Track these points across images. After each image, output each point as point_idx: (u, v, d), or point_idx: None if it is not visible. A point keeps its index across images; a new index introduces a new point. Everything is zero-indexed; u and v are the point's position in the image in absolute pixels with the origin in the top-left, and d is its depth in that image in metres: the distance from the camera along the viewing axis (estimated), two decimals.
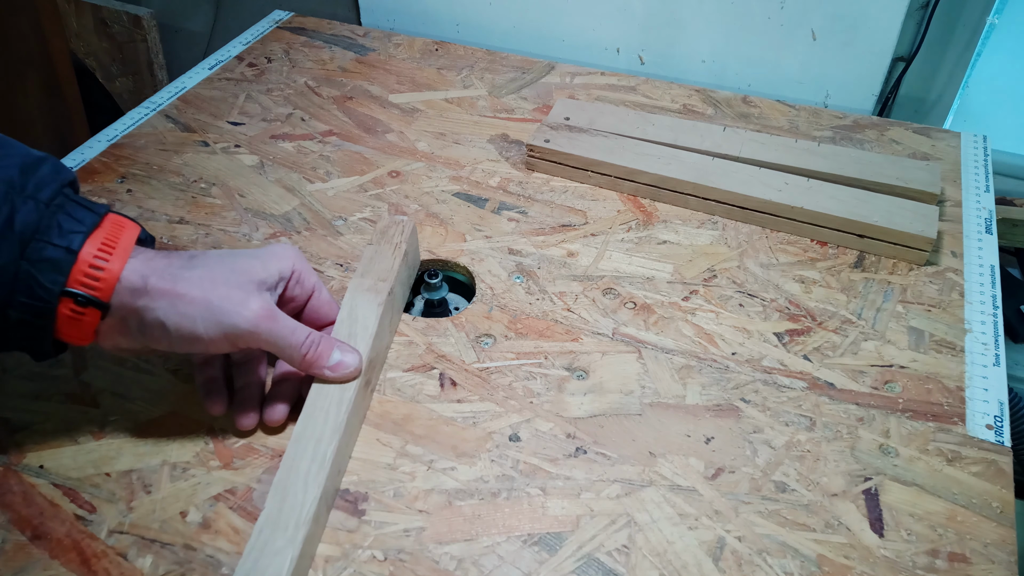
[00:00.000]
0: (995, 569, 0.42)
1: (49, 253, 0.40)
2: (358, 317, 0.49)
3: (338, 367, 0.46)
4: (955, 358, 0.54)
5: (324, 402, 0.46)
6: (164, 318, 0.43)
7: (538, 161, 0.70)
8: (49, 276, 0.40)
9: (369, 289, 0.51)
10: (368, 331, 0.48)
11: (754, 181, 0.65)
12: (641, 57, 0.91)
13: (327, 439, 0.44)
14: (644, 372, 0.53)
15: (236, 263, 0.45)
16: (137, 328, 0.43)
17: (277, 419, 0.48)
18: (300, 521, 0.40)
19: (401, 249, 0.54)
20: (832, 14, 0.80)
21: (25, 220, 0.39)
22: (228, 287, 0.44)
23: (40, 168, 0.41)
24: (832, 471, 0.47)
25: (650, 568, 0.42)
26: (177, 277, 0.43)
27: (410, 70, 0.85)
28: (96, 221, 0.42)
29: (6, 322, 0.40)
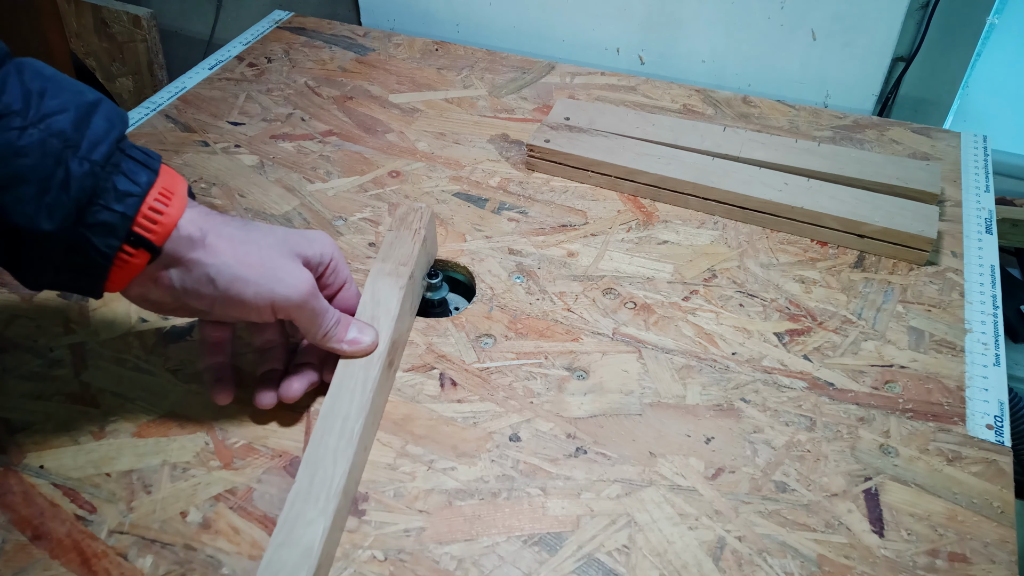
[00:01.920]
0: (995, 569, 0.42)
1: (105, 217, 0.40)
2: (380, 300, 0.51)
3: (354, 343, 0.48)
4: (955, 358, 0.54)
5: (350, 381, 0.47)
6: (216, 276, 0.43)
7: (538, 161, 0.70)
8: (104, 240, 0.40)
9: (390, 273, 0.53)
10: (391, 313, 0.50)
11: (754, 181, 0.65)
12: (641, 57, 0.91)
13: (354, 416, 0.45)
14: (644, 372, 0.53)
15: (288, 237, 0.47)
16: (180, 280, 0.43)
17: (293, 395, 0.49)
18: (331, 494, 0.42)
19: (420, 235, 0.55)
20: (832, 14, 0.80)
21: (81, 185, 0.39)
22: (283, 259, 0.45)
23: (93, 118, 0.40)
24: (832, 471, 0.47)
25: (650, 568, 0.42)
26: (236, 239, 0.44)
27: (410, 70, 0.85)
28: (151, 179, 0.41)
29: (57, 278, 0.41)
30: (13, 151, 0.37)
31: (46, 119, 0.38)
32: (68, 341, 0.55)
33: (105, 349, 0.54)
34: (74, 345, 0.55)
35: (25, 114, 0.38)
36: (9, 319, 0.57)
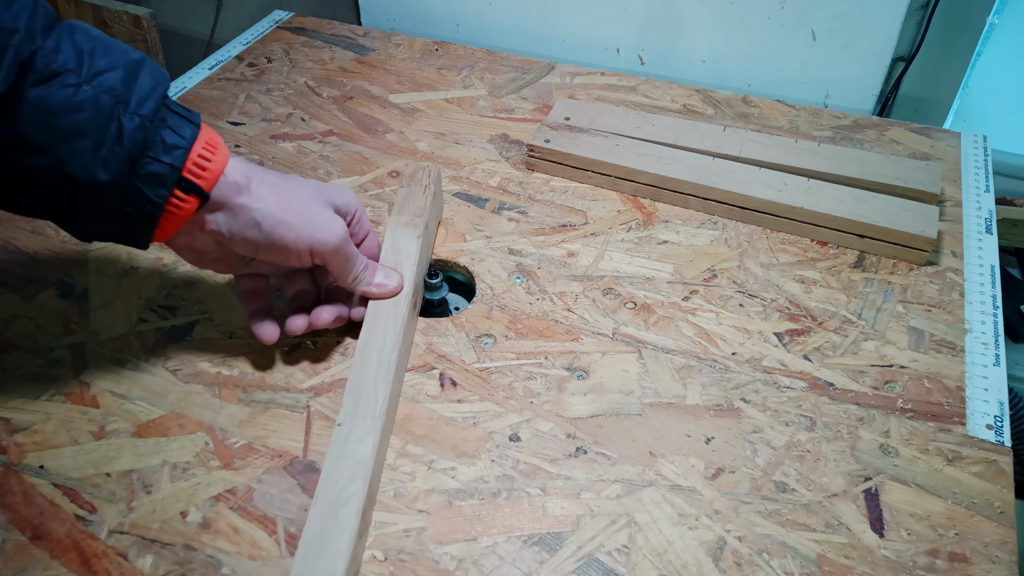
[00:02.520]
0: (995, 569, 0.42)
1: (155, 168, 0.43)
2: (401, 248, 0.56)
3: (381, 286, 0.53)
4: (955, 358, 0.54)
5: (382, 319, 0.52)
6: (261, 220, 0.47)
7: (538, 161, 0.70)
8: (155, 191, 0.43)
9: (407, 224, 0.58)
10: (412, 259, 0.55)
11: (754, 181, 0.65)
12: (641, 57, 0.91)
13: (389, 348, 0.50)
14: (644, 372, 0.53)
15: (321, 188, 0.51)
16: (227, 225, 0.47)
17: (323, 322, 0.52)
18: (376, 413, 0.46)
19: (431, 190, 0.61)
20: (832, 14, 0.80)
21: (133, 138, 0.42)
22: (319, 206, 0.49)
23: (140, 76, 0.43)
24: (832, 471, 0.47)
25: (650, 568, 0.42)
26: (277, 186, 0.48)
27: (410, 70, 0.85)
28: (195, 133, 0.45)
29: (111, 228, 0.44)
30: (70, 106, 0.40)
31: (98, 76, 0.41)
32: (68, 341, 0.55)
33: (105, 349, 0.55)
34: (74, 345, 0.55)
35: (79, 72, 0.41)
36: (9, 319, 0.57)
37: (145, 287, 0.59)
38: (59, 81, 0.40)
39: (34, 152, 0.40)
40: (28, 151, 0.40)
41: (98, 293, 0.59)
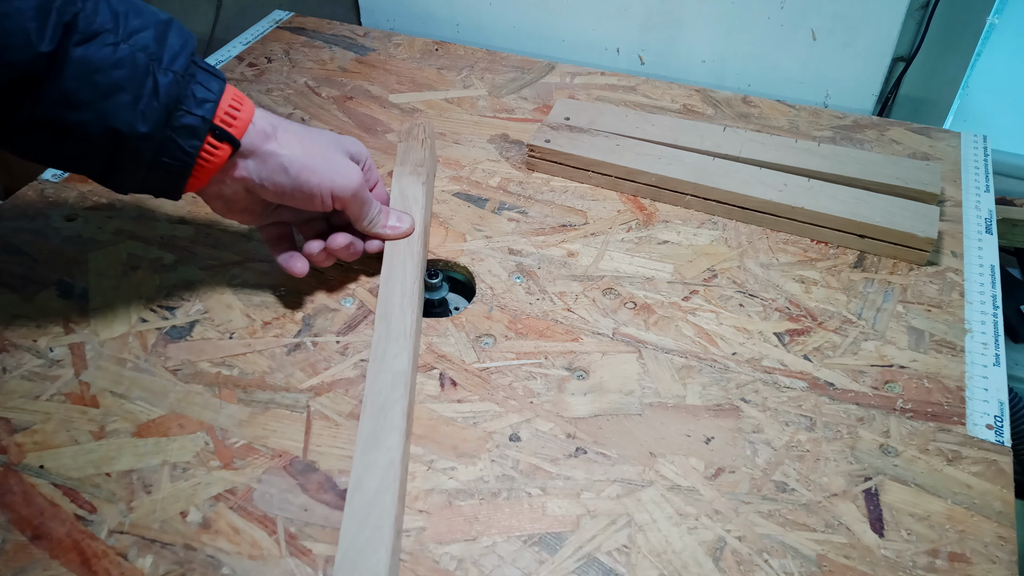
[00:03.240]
0: (995, 569, 0.42)
1: (187, 120, 0.47)
2: (408, 194, 0.62)
3: (395, 228, 0.58)
4: (955, 358, 0.54)
5: (400, 257, 0.57)
6: (288, 165, 0.51)
7: (538, 161, 0.70)
8: (188, 141, 0.47)
9: (410, 173, 0.64)
10: (419, 203, 0.61)
11: (754, 181, 0.65)
12: (641, 57, 0.91)
13: (410, 279, 0.55)
14: (644, 372, 0.53)
15: (336, 138, 0.55)
16: (256, 171, 0.51)
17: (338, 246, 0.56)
18: (407, 334, 0.51)
19: (428, 143, 0.67)
20: (832, 14, 0.80)
21: (168, 92, 0.46)
22: (337, 154, 0.54)
23: (169, 35, 0.47)
24: (832, 471, 0.47)
25: (650, 568, 0.42)
26: (301, 134, 0.52)
27: (410, 70, 0.85)
28: (222, 88, 0.48)
29: (148, 178, 0.48)
30: (111, 64, 0.44)
31: (133, 36, 0.45)
32: (68, 341, 0.55)
33: (105, 349, 0.55)
34: (74, 345, 0.55)
35: (116, 31, 0.44)
36: (9, 319, 0.57)
37: (145, 287, 0.59)
38: (99, 40, 0.44)
39: (79, 107, 0.44)
40: (74, 106, 0.44)
41: (98, 293, 0.59)
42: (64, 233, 0.64)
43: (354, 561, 0.40)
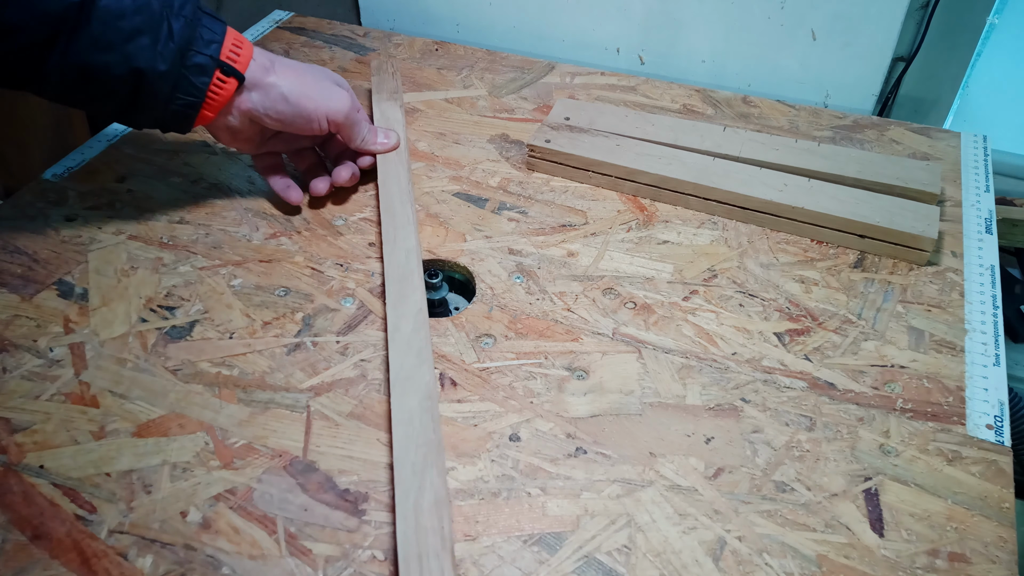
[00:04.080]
0: (995, 569, 0.42)
1: (198, 60, 0.55)
2: (389, 116, 0.73)
3: (384, 144, 0.68)
4: (955, 358, 0.54)
5: (393, 167, 0.67)
6: (288, 94, 0.59)
7: (539, 161, 0.70)
8: (200, 78, 0.55)
9: (388, 99, 0.75)
10: (400, 122, 0.72)
11: (754, 181, 0.65)
12: (641, 57, 0.91)
13: (404, 180, 0.66)
14: (644, 372, 0.53)
15: (324, 70, 0.64)
16: (260, 102, 0.59)
17: (343, 180, 0.66)
18: (410, 222, 0.62)
19: (397, 76, 0.80)
20: (832, 14, 0.80)
21: (181, 35, 0.54)
22: (328, 82, 0.62)
23: None
24: (832, 471, 0.47)
25: (650, 568, 0.42)
26: (294, 67, 0.61)
27: (410, 70, 0.85)
28: (224, 30, 0.57)
29: (165, 112, 0.56)
30: (132, 10, 0.52)
31: None
32: (68, 341, 0.55)
33: (105, 349, 0.55)
34: (74, 345, 0.55)
35: None
36: (9, 319, 0.57)
37: (145, 287, 0.59)
38: None
39: (107, 49, 0.52)
40: (102, 48, 0.52)
41: (98, 293, 0.59)
42: (64, 233, 0.64)
43: (404, 384, 0.49)
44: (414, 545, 0.41)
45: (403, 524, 0.42)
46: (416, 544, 0.41)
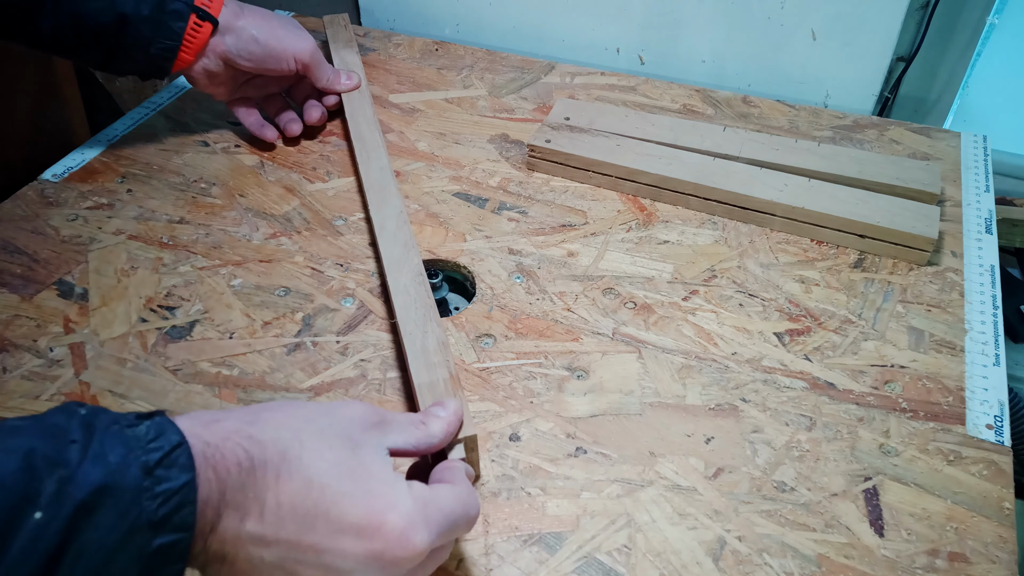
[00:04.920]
0: (995, 569, 0.42)
1: (175, 6, 0.62)
2: (347, 61, 0.81)
3: (347, 84, 0.76)
4: (955, 358, 0.54)
5: (359, 102, 0.76)
6: (258, 35, 0.66)
7: (539, 161, 0.70)
8: (177, 23, 0.63)
9: (344, 47, 0.83)
10: (358, 66, 0.80)
11: (754, 181, 0.65)
12: (641, 57, 0.91)
13: (370, 114, 0.74)
14: (644, 372, 0.53)
15: (290, 17, 0.70)
16: (234, 45, 0.66)
17: (313, 119, 0.74)
18: (379, 146, 0.70)
19: (349, 28, 0.87)
20: (832, 14, 0.80)
21: None
22: (292, 26, 0.70)
23: None
24: (832, 471, 0.47)
25: (650, 568, 0.42)
26: (261, 13, 0.68)
27: (410, 70, 0.85)
28: None
29: (146, 55, 0.63)
30: None
31: None
32: (68, 341, 0.55)
33: (105, 349, 0.55)
34: (74, 345, 0.55)
35: None
36: (9, 319, 0.57)
37: (145, 287, 0.59)
38: None
39: None
40: None
41: (98, 293, 0.59)
42: (64, 233, 0.64)
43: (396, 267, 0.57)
44: (425, 376, 0.48)
45: (415, 362, 0.49)
46: (427, 375, 0.48)
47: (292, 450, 0.33)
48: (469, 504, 0.37)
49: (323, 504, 0.33)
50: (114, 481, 0.29)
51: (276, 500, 0.32)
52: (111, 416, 0.31)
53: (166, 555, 0.30)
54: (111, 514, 0.28)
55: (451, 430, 0.41)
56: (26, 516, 0.27)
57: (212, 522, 0.32)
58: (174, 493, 0.30)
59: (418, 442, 0.39)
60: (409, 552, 0.33)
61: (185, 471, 0.30)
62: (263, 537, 0.32)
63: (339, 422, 0.36)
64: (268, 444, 0.33)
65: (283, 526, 0.32)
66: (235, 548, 0.32)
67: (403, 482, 0.35)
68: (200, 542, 0.32)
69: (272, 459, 0.33)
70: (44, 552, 0.27)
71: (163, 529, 0.30)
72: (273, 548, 0.32)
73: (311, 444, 0.34)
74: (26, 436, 0.29)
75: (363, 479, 0.34)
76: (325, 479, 0.33)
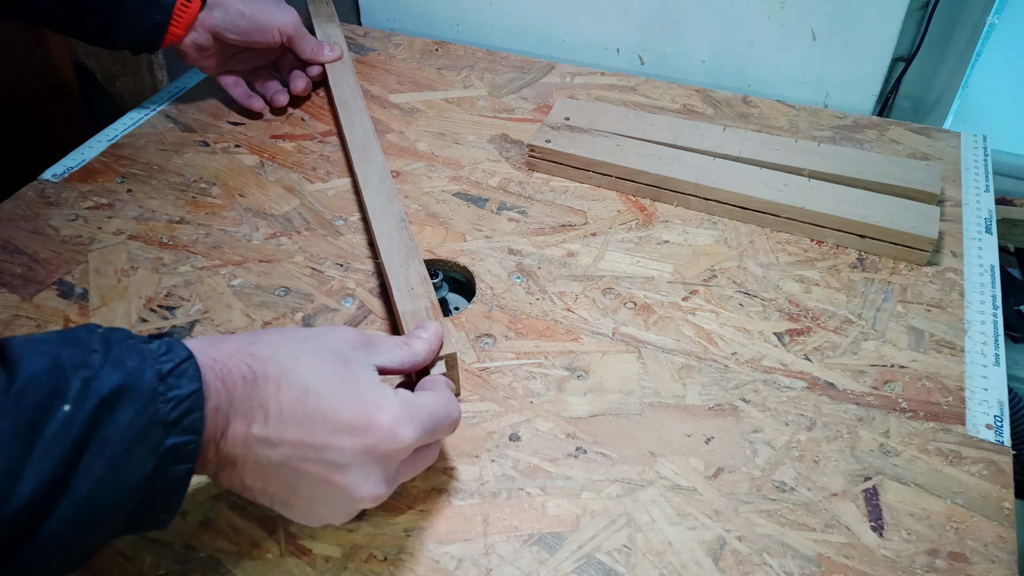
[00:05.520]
0: (995, 569, 0.42)
1: None
2: (330, 34, 0.84)
3: (330, 56, 0.80)
4: (955, 358, 0.54)
5: (341, 72, 0.80)
6: (244, 9, 0.71)
7: (539, 161, 0.70)
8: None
9: (326, 21, 0.87)
10: (341, 39, 0.84)
11: (754, 181, 0.65)
12: (641, 57, 0.91)
13: (352, 82, 0.78)
14: (644, 372, 0.53)
15: None
16: (221, 18, 0.70)
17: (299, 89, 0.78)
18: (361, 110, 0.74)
19: (330, 3, 0.91)
20: (832, 14, 0.80)
21: None
22: (279, 2, 0.74)
23: None
24: (832, 471, 0.47)
25: (650, 568, 0.42)
26: None
27: (410, 70, 0.85)
28: None
29: (137, 31, 0.68)
30: None
31: None
32: None
33: None
34: None
35: None
36: (9, 319, 0.57)
37: (145, 287, 0.59)
38: None
39: None
40: None
41: (98, 293, 0.59)
42: (64, 233, 0.64)
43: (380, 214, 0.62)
44: (408, 304, 0.52)
45: (399, 293, 0.53)
46: (410, 303, 0.52)
47: (289, 364, 0.37)
48: (450, 407, 0.42)
49: (320, 408, 0.36)
50: (132, 382, 0.32)
51: (278, 407, 0.36)
52: (126, 332, 0.35)
53: (177, 454, 0.33)
54: (130, 410, 0.32)
55: (433, 349, 0.45)
56: (56, 408, 0.30)
57: (222, 428, 0.35)
58: (184, 399, 0.33)
59: (403, 361, 0.43)
60: (398, 444, 0.37)
61: (194, 380, 0.34)
62: (268, 439, 0.36)
63: (330, 342, 0.40)
64: (268, 360, 0.37)
65: (286, 429, 0.36)
66: (244, 451, 0.36)
67: (390, 389, 0.39)
68: (212, 447, 0.35)
69: (272, 373, 0.37)
70: (73, 438, 0.30)
71: (175, 430, 0.33)
72: (278, 448, 0.36)
73: (306, 359, 0.38)
74: (52, 343, 0.32)
75: (354, 387, 0.38)
76: (320, 388, 0.37)
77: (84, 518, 0.31)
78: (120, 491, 0.32)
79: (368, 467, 0.37)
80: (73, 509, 0.30)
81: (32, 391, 0.30)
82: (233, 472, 0.37)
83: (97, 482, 0.31)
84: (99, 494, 0.31)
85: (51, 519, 0.30)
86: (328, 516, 0.39)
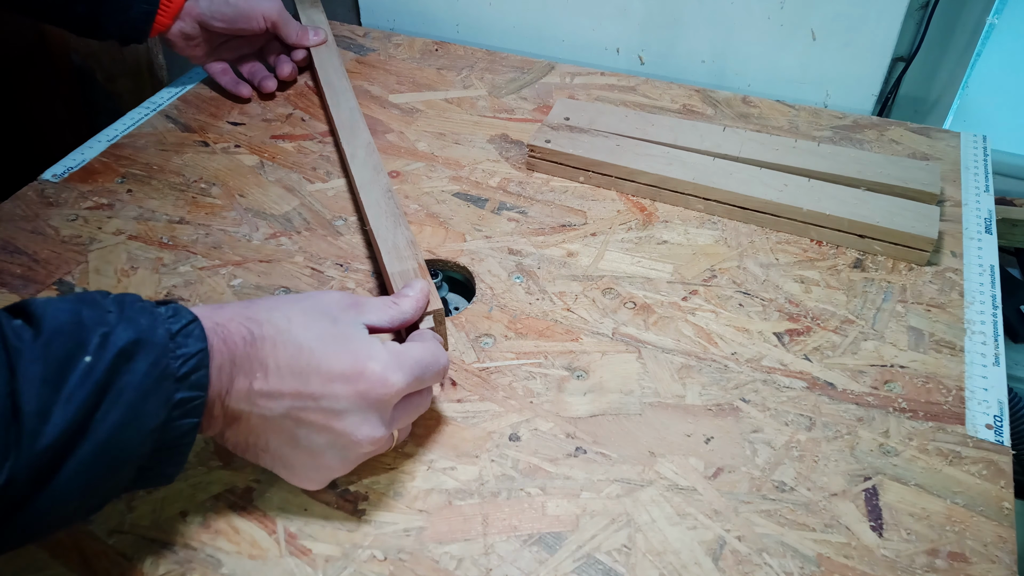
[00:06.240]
0: (995, 569, 0.42)
1: None
2: (315, 20, 0.86)
3: (314, 41, 0.82)
4: (955, 358, 0.54)
5: (326, 56, 0.82)
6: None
7: (539, 161, 0.70)
8: None
9: (310, 7, 0.89)
10: (324, 23, 0.86)
11: (754, 181, 0.65)
12: (641, 57, 0.91)
13: (337, 64, 0.81)
14: (644, 372, 0.53)
15: None
16: (207, 7, 0.72)
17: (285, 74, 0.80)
18: (347, 90, 0.77)
19: None
20: (832, 14, 0.80)
21: None
22: None
23: None
24: (832, 471, 0.47)
25: (650, 568, 0.42)
26: None
27: (410, 70, 0.85)
28: None
29: (125, 20, 0.69)
30: None
31: None
32: None
33: None
34: None
35: None
36: None
37: (145, 287, 0.59)
38: None
39: None
40: None
41: None
42: (64, 233, 0.64)
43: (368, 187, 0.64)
44: (397, 266, 0.55)
45: (388, 256, 0.56)
46: (399, 265, 0.55)
47: (283, 324, 0.40)
48: (438, 355, 0.44)
49: (314, 362, 0.40)
50: (146, 337, 0.35)
51: (276, 364, 0.39)
52: (136, 296, 0.38)
53: (185, 408, 0.36)
54: (144, 362, 0.35)
55: (420, 306, 0.48)
56: (79, 359, 0.33)
57: (227, 386, 0.38)
58: (192, 356, 0.36)
59: (392, 319, 0.46)
60: (389, 389, 0.40)
61: (199, 340, 0.37)
62: (270, 392, 0.39)
63: (319, 304, 0.43)
64: (264, 322, 0.40)
65: (285, 382, 0.39)
66: (248, 405, 0.39)
67: (379, 341, 0.42)
68: (219, 404, 0.39)
69: (268, 333, 0.40)
70: (94, 384, 0.33)
71: (183, 385, 0.36)
72: (279, 400, 0.39)
73: (298, 320, 0.41)
74: (72, 303, 0.35)
75: (343, 342, 0.41)
76: (313, 344, 0.40)
77: (101, 461, 0.34)
78: (135, 438, 0.34)
79: (364, 412, 0.40)
80: (92, 452, 0.33)
81: (58, 341, 0.33)
82: (239, 428, 0.40)
83: (114, 427, 0.33)
84: (116, 439, 0.34)
85: (72, 459, 0.33)
86: (331, 467, 0.42)
